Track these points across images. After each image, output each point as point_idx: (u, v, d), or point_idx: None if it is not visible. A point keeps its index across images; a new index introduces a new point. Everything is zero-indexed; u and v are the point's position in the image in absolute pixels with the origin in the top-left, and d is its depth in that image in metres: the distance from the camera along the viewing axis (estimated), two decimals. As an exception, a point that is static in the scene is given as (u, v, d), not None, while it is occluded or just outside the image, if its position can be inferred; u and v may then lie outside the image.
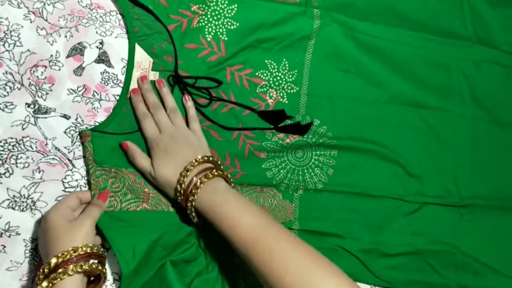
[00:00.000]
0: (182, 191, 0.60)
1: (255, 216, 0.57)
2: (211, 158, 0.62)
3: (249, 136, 0.71)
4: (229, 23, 0.71)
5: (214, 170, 0.61)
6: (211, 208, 0.58)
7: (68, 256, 0.53)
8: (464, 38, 0.81)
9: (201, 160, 0.61)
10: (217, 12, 0.70)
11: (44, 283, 0.52)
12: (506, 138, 0.82)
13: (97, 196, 0.62)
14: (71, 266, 0.53)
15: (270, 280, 0.53)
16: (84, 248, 0.55)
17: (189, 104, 0.68)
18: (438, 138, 0.78)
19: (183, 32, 0.69)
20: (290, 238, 0.55)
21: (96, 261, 0.56)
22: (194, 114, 0.68)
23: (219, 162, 0.64)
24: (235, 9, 0.71)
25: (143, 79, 0.66)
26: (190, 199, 0.59)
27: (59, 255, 0.53)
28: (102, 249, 0.58)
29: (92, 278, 0.58)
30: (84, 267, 0.54)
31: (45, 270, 0.53)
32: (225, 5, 0.70)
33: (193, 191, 0.59)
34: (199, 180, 0.59)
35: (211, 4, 0.70)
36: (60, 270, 0.52)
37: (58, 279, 0.52)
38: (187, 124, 0.67)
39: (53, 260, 0.53)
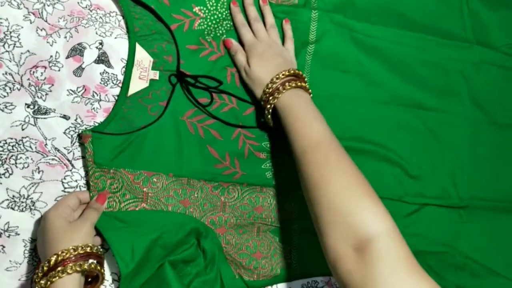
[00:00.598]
0: (270, 90, 0.64)
1: (324, 127, 0.61)
2: (300, 73, 0.67)
3: (249, 136, 0.71)
4: (228, 25, 0.71)
5: (301, 82, 0.65)
6: (289, 109, 0.63)
7: (67, 255, 0.53)
8: (463, 40, 0.81)
9: (292, 72, 0.65)
10: (216, 16, 0.70)
11: (43, 281, 0.53)
12: (505, 139, 0.82)
13: (95, 198, 0.62)
14: (70, 265, 0.53)
15: (313, 186, 0.56)
16: (83, 248, 0.55)
17: (287, 26, 0.73)
18: (437, 139, 0.78)
19: (185, 32, 0.69)
20: (346, 156, 0.58)
21: (95, 261, 0.56)
22: (290, 35, 0.73)
23: (305, 78, 0.68)
24: None
25: None
26: (274, 96, 0.64)
27: (59, 253, 0.53)
28: (101, 250, 0.58)
29: (89, 279, 0.59)
30: (83, 266, 0.54)
31: (44, 268, 0.53)
32: (224, 9, 0.71)
33: (279, 91, 0.64)
34: (287, 84, 0.64)
35: (212, 8, 0.70)
36: (59, 268, 0.53)
37: (57, 277, 0.52)
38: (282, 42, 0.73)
39: (53, 258, 0.53)
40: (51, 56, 0.64)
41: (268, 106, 0.65)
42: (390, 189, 0.75)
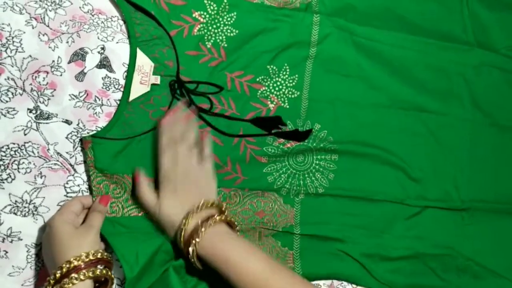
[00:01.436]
0: (183, 236, 0.59)
1: (262, 260, 0.57)
2: (215, 204, 0.62)
3: (250, 141, 0.71)
4: (228, 31, 0.71)
5: (217, 216, 0.60)
6: (214, 255, 0.58)
7: (80, 262, 0.54)
8: (463, 42, 0.81)
9: (204, 206, 0.61)
10: (216, 21, 0.70)
11: (66, 280, 0.53)
12: (506, 141, 0.82)
13: (98, 200, 0.62)
14: (83, 271, 0.54)
15: None
16: (94, 254, 0.55)
17: (206, 141, 0.67)
18: (438, 142, 0.79)
19: (185, 38, 0.69)
20: (300, 282, 0.57)
21: (104, 266, 0.56)
22: (209, 153, 0.67)
23: (223, 207, 0.63)
24: (235, 16, 0.71)
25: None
26: (192, 244, 0.58)
27: (71, 260, 0.54)
28: (110, 255, 0.58)
29: (97, 284, 0.59)
30: (95, 272, 0.55)
31: (57, 275, 0.53)
32: (225, 13, 0.71)
33: (195, 237, 0.58)
34: (201, 227, 0.58)
35: (212, 12, 0.70)
36: (72, 275, 0.53)
37: (70, 284, 0.53)
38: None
39: (65, 265, 0.53)
40: (53, 61, 0.64)
41: (191, 251, 0.58)
42: (391, 192, 0.75)
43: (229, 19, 0.71)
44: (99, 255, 0.56)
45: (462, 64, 0.81)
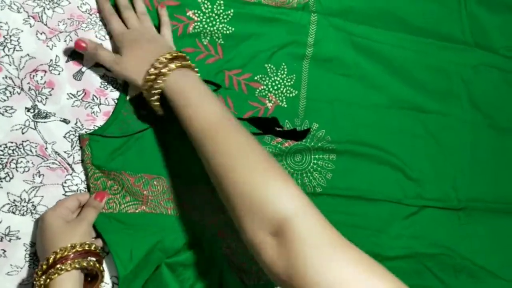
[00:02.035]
0: (152, 77, 0.58)
1: (219, 106, 0.56)
2: (183, 55, 0.61)
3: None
4: (224, 29, 0.71)
5: (184, 61, 0.60)
6: (178, 93, 0.57)
7: (66, 252, 0.54)
8: (462, 43, 0.81)
9: (175, 55, 0.60)
10: (212, 19, 0.70)
11: (42, 279, 0.53)
12: (505, 142, 0.82)
13: (93, 196, 0.62)
14: (69, 262, 0.54)
15: (219, 175, 0.52)
16: (82, 245, 0.56)
17: (163, 12, 0.67)
18: (437, 142, 0.79)
19: (179, 37, 0.69)
20: (247, 135, 0.55)
21: (93, 259, 0.57)
22: (167, 20, 0.67)
23: (186, 56, 0.62)
24: (231, 14, 0.71)
25: None
26: (158, 81, 0.58)
27: (57, 251, 0.54)
28: (99, 248, 0.58)
29: (89, 278, 0.59)
30: (82, 263, 0.54)
31: (43, 266, 0.54)
32: (220, 11, 0.70)
33: (164, 73, 0.57)
34: (171, 65, 0.58)
35: (207, 11, 0.70)
36: (58, 266, 0.53)
37: (56, 275, 0.53)
38: (158, 31, 0.66)
39: (52, 256, 0.54)
40: (51, 60, 0.64)
41: (154, 92, 0.58)
42: (389, 191, 0.76)
43: (225, 17, 0.71)
44: (86, 247, 0.56)
45: (461, 64, 0.81)
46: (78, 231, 0.57)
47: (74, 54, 0.65)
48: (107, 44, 0.67)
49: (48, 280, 0.53)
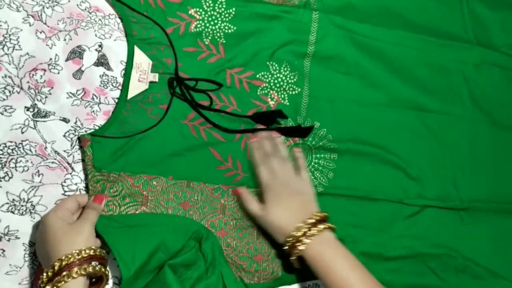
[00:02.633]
0: (293, 240, 0.61)
1: (361, 274, 0.60)
2: (323, 215, 0.64)
3: (251, 137, 0.71)
4: (226, 27, 0.70)
5: (323, 225, 0.62)
6: (318, 261, 0.60)
7: (72, 259, 0.54)
8: (464, 40, 0.81)
9: (317, 218, 0.63)
10: (214, 17, 0.70)
11: (48, 287, 0.53)
12: (506, 140, 0.81)
13: (92, 198, 0.62)
14: (75, 269, 0.53)
15: None
16: (87, 251, 0.55)
17: (298, 154, 0.71)
18: (438, 140, 0.78)
19: (181, 35, 0.68)
20: None
21: (98, 263, 0.56)
22: (304, 163, 0.71)
23: (326, 216, 0.65)
24: (233, 13, 0.71)
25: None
26: (298, 246, 0.61)
27: (63, 258, 0.54)
28: (104, 252, 0.58)
29: (93, 280, 0.59)
30: (88, 269, 0.54)
31: (49, 273, 0.53)
32: (222, 9, 0.70)
33: (303, 241, 0.61)
34: (312, 230, 0.61)
35: (208, 9, 0.70)
36: (64, 273, 0.53)
37: (63, 282, 0.53)
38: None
39: (57, 263, 0.53)
40: (51, 58, 0.64)
41: (294, 255, 0.63)
42: (390, 191, 0.75)
43: (227, 15, 0.70)
44: (91, 252, 0.55)
45: (462, 62, 0.80)
46: (82, 234, 0.57)
47: (74, 53, 0.65)
48: (107, 43, 0.66)
49: None
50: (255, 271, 0.68)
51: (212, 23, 0.70)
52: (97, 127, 0.65)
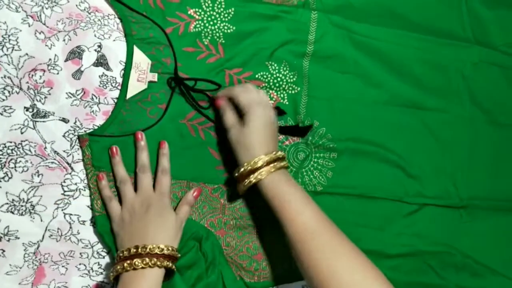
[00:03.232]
0: (252, 166, 0.61)
1: (316, 214, 0.59)
2: (284, 155, 0.64)
3: None
4: (225, 27, 0.71)
5: (283, 163, 0.63)
6: (274, 195, 0.60)
7: (155, 250, 0.58)
8: (462, 39, 0.81)
9: (280, 155, 0.63)
10: (213, 17, 0.70)
11: (138, 260, 0.57)
12: (505, 138, 0.81)
13: (192, 192, 0.66)
14: (154, 259, 0.57)
15: (320, 278, 0.55)
16: (169, 249, 0.59)
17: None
18: (437, 139, 0.78)
19: (181, 35, 0.69)
20: (346, 239, 0.58)
21: (171, 261, 0.59)
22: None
23: (285, 159, 0.65)
24: (232, 13, 0.71)
25: None
26: (255, 175, 0.61)
27: (150, 246, 0.58)
28: (179, 255, 0.61)
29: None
30: (163, 264, 0.58)
31: (132, 251, 0.58)
32: (221, 9, 0.70)
33: (262, 171, 0.61)
34: (272, 165, 0.61)
35: (208, 9, 0.70)
36: (146, 259, 0.57)
37: (140, 266, 0.56)
38: None
39: (142, 249, 0.58)
40: (50, 59, 0.64)
41: (247, 182, 0.62)
42: (390, 189, 0.75)
43: (226, 15, 0.71)
44: (172, 252, 0.59)
45: (461, 61, 0.80)
46: (177, 235, 0.62)
47: (73, 53, 0.65)
48: (106, 43, 0.67)
49: (144, 264, 0.56)
50: (255, 270, 0.69)
51: (211, 23, 0.70)
52: (96, 127, 0.65)
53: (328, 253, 0.56)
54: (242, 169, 0.62)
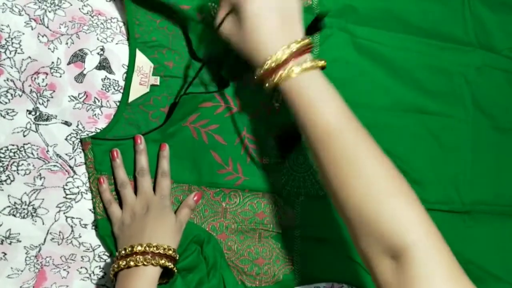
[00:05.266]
0: (273, 64, 0.50)
1: (343, 107, 0.52)
2: (311, 42, 0.54)
3: (253, 140, 0.71)
4: None
5: (314, 62, 0.52)
6: (301, 93, 0.51)
7: (151, 249, 0.57)
8: (465, 43, 0.81)
9: (307, 42, 0.53)
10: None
11: (133, 259, 0.56)
12: (508, 143, 0.81)
13: (193, 195, 0.66)
14: (149, 257, 0.57)
15: (337, 185, 0.48)
16: (169, 250, 0.59)
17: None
18: (439, 143, 0.78)
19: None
20: (368, 140, 0.50)
21: (169, 261, 0.59)
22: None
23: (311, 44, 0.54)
24: None
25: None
26: (281, 75, 0.51)
27: (146, 244, 0.57)
28: (176, 254, 0.60)
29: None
30: (160, 262, 0.57)
31: (127, 250, 0.57)
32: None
33: (291, 67, 0.50)
34: (303, 63, 0.51)
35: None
36: (139, 257, 0.56)
37: (134, 263, 0.56)
38: None
39: (139, 247, 0.57)
40: (53, 62, 0.64)
41: (270, 83, 0.52)
42: (392, 194, 0.75)
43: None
44: (170, 252, 0.59)
45: (464, 65, 0.80)
46: (171, 233, 0.61)
47: (76, 56, 0.65)
48: (109, 46, 0.67)
49: (135, 263, 0.56)
50: (256, 274, 0.68)
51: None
52: (98, 131, 0.65)
53: (344, 157, 0.48)
54: (265, 66, 0.51)
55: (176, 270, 0.60)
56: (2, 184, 0.61)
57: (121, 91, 0.67)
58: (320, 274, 0.71)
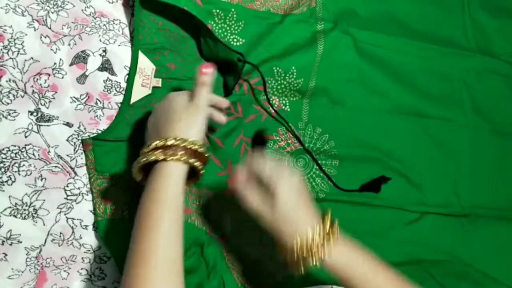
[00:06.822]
0: (306, 243, 0.52)
1: (389, 279, 0.55)
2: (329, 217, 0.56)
3: (250, 143, 0.71)
4: (235, 39, 0.70)
5: (334, 233, 0.54)
6: (340, 270, 0.53)
7: (180, 143, 0.52)
8: (465, 48, 0.81)
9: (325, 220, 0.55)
10: (223, 29, 0.70)
11: (158, 151, 0.52)
12: (507, 148, 0.82)
13: (198, 72, 0.56)
14: (181, 153, 0.52)
15: None
16: (194, 145, 0.53)
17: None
18: (439, 147, 0.78)
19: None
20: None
21: (198, 160, 0.54)
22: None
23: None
24: (242, 25, 0.70)
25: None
26: (315, 253, 0.52)
27: (177, 138, 0.52)
28: (206, 151, 0.56)
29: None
30: (189, 160, 0.53)
31: (159, 143, 0.52)
32: (232, 22, 0.70)
33: (320, 253, 0.52)
34: (324, 243, 0.53)
35: (220, 22, 0.70)
36: (171, 151, 0.51)
37: (171, 156, 0.51)
38: None
39: (171, 141, 0.52)
40: (55, 63, 0.64)
41: (314, 261, 0.52)
42: (392, 197, 0.75)
43: (236, 27, 0.70)
44: (197, 147, 0.53)
45: (464, 70, 0.81)
46: (195, 123, 0.55)
47: (78, 58, 0.65)
48: (111, 48, 0.67)
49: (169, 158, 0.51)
50: (255, 277, 0.69)
51: (222, 35, 0.70)
52: (100, 132, 0.65)
53: None
54: (295, 251, 0.52)
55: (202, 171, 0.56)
56: (3, 185, 0.61)
57: (123, 92, 0.67)
58: (320, 277, 0.71)
